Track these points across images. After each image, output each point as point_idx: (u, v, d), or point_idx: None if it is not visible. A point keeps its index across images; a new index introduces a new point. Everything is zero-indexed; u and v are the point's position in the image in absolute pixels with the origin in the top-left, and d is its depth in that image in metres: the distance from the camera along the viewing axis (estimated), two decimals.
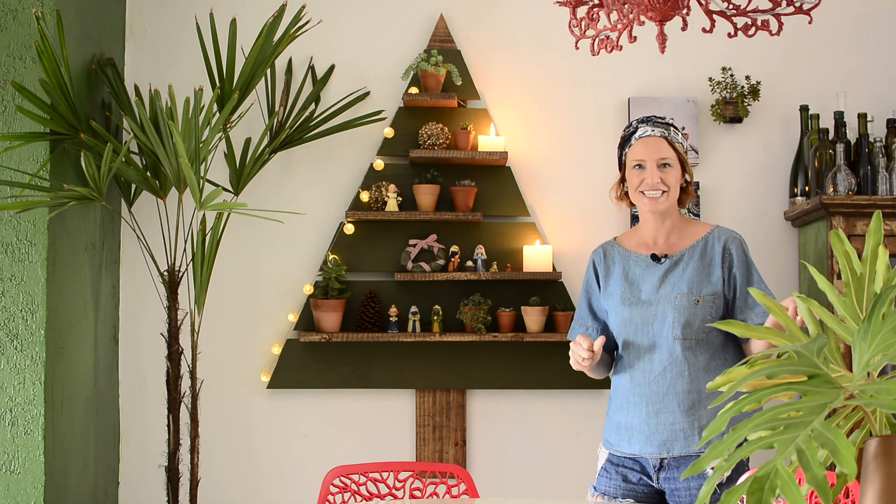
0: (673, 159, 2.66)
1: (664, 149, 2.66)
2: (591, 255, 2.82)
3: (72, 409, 3.47)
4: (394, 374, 3.95)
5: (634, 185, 2.68)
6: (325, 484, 2.77)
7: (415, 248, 3.95)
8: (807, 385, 1.13)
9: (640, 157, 2.67)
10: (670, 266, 2.67)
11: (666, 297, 2.63)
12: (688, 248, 2.69)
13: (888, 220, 3.66)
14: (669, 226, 2.72)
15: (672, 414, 2.60)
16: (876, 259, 1.29)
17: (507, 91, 4.07)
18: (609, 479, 2.70)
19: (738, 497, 1.03)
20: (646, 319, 2.64)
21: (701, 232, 2.72)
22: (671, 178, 2.66)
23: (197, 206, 3.33)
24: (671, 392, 2.60)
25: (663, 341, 2.62)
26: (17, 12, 3.34)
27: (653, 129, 2.68)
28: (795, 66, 4.09)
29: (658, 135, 2.67)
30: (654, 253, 2.70)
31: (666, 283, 2.66)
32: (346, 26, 4.06)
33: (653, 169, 2.65)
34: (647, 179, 2.65)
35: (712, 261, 2.66)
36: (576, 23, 2.50)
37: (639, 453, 2.65)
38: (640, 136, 2.69)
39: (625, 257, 2.75)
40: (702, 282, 2.64)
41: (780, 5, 2.40)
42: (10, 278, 3.28)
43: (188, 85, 3.72)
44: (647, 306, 2.65)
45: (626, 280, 2.71)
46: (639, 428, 2.64)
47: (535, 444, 3.99)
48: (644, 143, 2.67)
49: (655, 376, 2.62)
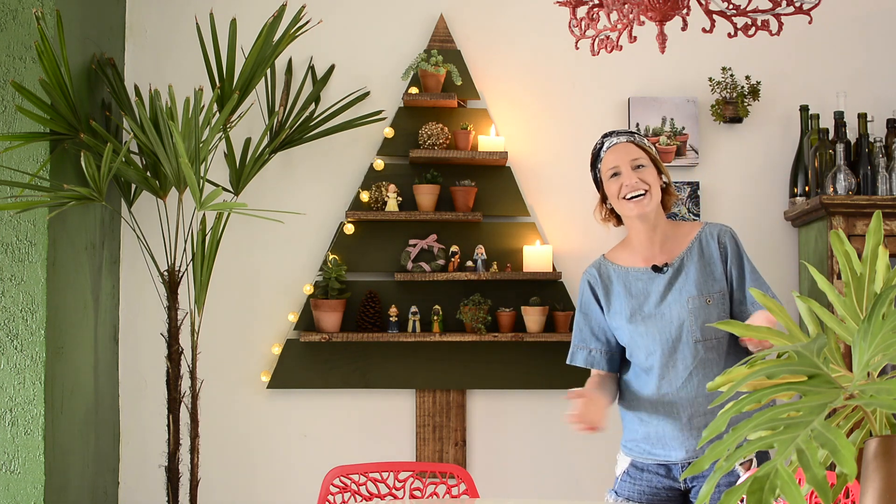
0: (645, 160, 2.68)
1: (633, 151, 2.69)
2: (584, 276, 2.79)
3: (72, 409, 3.47)
4: (394, 374, 3.95)
5: (615, 193, 2.68)
6: (325, 484, 2.77)
7: (415, 248, 3.95)
8: (807, 385, 1.13)
9: (612, 164, 2.69)
10: (673, 273, 2.67)
11: (676, 303, 2.63)
12: (685, 251, 2.69)
13: (888, 220, 3.66)
14: (661, 234, 2.71)
15: (704, 417, 2.61)
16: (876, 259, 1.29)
17: (507, 91, 4.07)
18: (633, 484, 2.70)
19: (738, 497, 1.03)
20: (662, 329, 2.64)
21: (692, 232, 2.72)
22: (649, 177, 2.66)
23: (197, 206, 3.33)
24: (700, 395, 2.61)
25: (684, 346, 2.62)
26: (17, 12, 3.34)
27: (618, 137, 2.72)
28: (795, 66, 4.09)
29: (625, 140, 2.71)
30: (654, 265, 2.70)
31: (672, 290, 2.65)
32: (346, 26, 4.06)
33: (628, 172, 2.66)
34: (626, 182, 2.66)
35: (711, 257, 2.67)
36: (576, 23, 2.50)
37: (672, 459, 2.65)
38: (608, 147, 2.71)
39: (622, 274, 2.73)
40: (707, 281, 2.65)
41: (780, 5, 2.40)
42: (10, 278, 3.28)
43: (188, 85, 3.73)
44: (660, 316, 2.64)
45: (629, 296, 2.69)
46: (672, 435, 2.64)
47: (535, 444, 3.99)
48: (613, 151, 2.70)
49: (682, 382, 2.62)
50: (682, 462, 2.64)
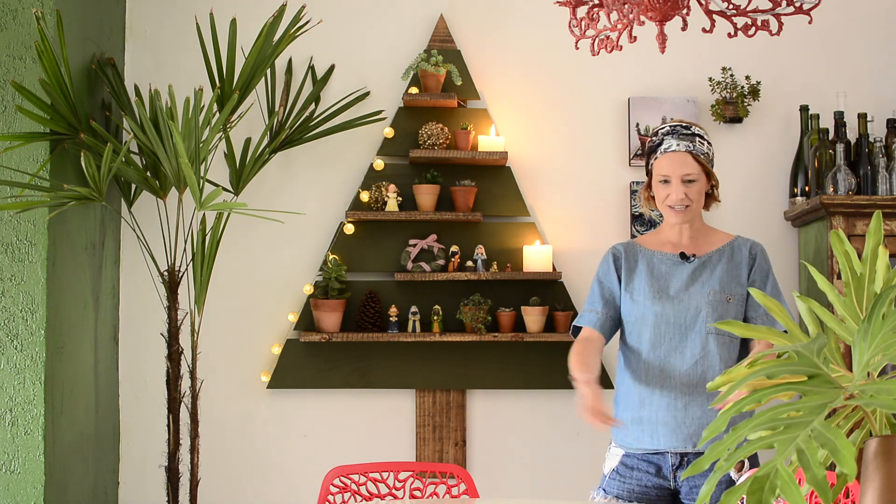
0: (698, 174, 2.71)
1: (689, 164, 2.70)
2: (610, 250, 2.84)
3: (72, 409, 3.47)
4: (394, 374, 3.95)
5: (661, 198, 2.75)
6: (325, 484, 2.77)
7: (415, 248, 3.95)
8: (807, 385, 1.13)
9: (665, 172, 2.72)
10: (699, 265, 2.74)
11: (698, 294, 2.70)
12: (715, 250, 2.77)
13: (888, 220, 3.66)
14: (693, 230, 2.79)
15: (700, 407, 2.64)
16: (876, 259, 1.29)
17: (507, 91, 4.07)
18: (623, 482, 2.70)
19: (738, 497, 1.03)
20: (678, 314, 2.69)
21: (725, 239, 2.80)
22: (694, 193, 2.72)
23: (197, 206, 3.33)
24: (701, 385, 2.65)
25: (696, 336, 2.67)
26: (17, 12, 3.34)
27: (678, 144, 2.70)
28: (795, 66, 4.09)
29: (683, 150, 2.70)
30: (682, 252, 2.76)
31: (696, 282, 2.72)
32: (346, 26, 4.06)
33: (677, 185, 2.71)
34: (672, 195, 2.71)
35: (740, 264, 2.74)
36: (576, 23, 2.50)
37: (662, 447, 2.65)
38: (666, 151, 2.72)
39: (648, 255, 2.80)
40: (731, 282, 2.72)
41: (780, 5, 2.40)
42: (10, 278, 3.28)
43: (188, 85, 3.72)
44: (679, 301, 2.71)
45: (652, 276, 2.75)
46: (664, 421, 2.65)
47: (535, 444, 3.99)
48: (669, 159, 2.71)
49: (687, 369, 2.66)
50: (670, 452, 2.65)
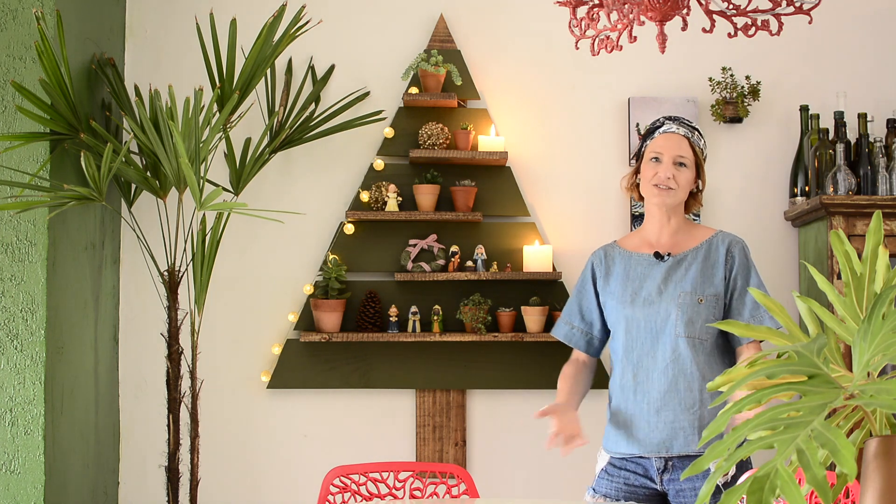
0: (690, 160, 2.72)
1: (684, 147, 2.72)
2: (591, 257, 2.85)
3: (72, 409, 3.47)
4: (394, 374, 3.95)
5: (648, 176, 2.73)
6: (325, 484, 2.77)
7: (415, 248, 3.95)
8: (807, 385, 1.13)
9: (659, 149, 2.72)
10: (673, 264, 2.71)
11: (669, 296, 2.67)
12: (692, 249, 2.73)
13: (888, 220, 3.66)
14: (674, 225, 2.76)
15: (673, 412, 2.62)
16: (876, 259, 1.29)
17: (507, 91, 4.07)
18: (610, 481, 2.72)
19: (738, 497, 1.03)
20: (648, 317, 2.67)
21: (705, 235, 2.77)
22: (683, 179, 2.71)
23: (197, 206, 3.33)
24: (673, 390, 2.62)
25: (667, 339, 2.64)
26: (17, 12, 3.34)
27: (678, 128, 2.75)
28: (795, 66, 4.09)
29: (682, 133, 2.74)
30: (657, 251, 2.73)
31: (669, 282, 2.69)
32: (346, 26, 4.06)
33: (668, 164, 2.71)
34: (661, 173, 2.71)
35: (716, 263, 2.70)
36: (576, 23, 2.50)
37: (638, 452, 2.66)
38: (665, 132, 2.74)
39: (626, 257, 2.78)
40: (705, 282, 2.68)
41: (780, 5, 2.40)
42: (10, 278, 3.28)
43: (188, 85, 3.72)
44: (650, 304, 2.68)
45: (627, 279, 2.74)
46: (638, 426, 2.66)
47: (535, 444, 3.99)
48: (666, 138, 2.74)
49: (658, 373, 2.65)
50: (654, 456, 2.65)
